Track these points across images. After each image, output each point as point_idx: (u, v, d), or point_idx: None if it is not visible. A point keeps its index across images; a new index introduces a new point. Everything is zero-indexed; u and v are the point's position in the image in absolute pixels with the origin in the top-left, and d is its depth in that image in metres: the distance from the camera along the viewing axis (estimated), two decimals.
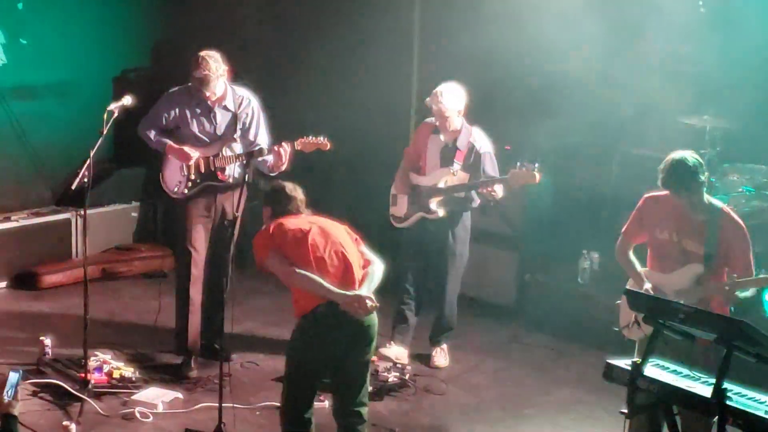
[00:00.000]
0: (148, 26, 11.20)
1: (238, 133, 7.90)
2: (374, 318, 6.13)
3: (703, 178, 6.09)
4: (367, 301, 6.00)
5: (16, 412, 5.57)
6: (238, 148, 7.91)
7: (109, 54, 10.88)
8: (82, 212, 7.61)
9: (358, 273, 6.17)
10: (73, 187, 7.37)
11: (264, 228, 6.30)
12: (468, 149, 8.08)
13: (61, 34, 10.55)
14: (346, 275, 6.13)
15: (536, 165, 7.73)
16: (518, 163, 7.79)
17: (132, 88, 8.96)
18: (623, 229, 6.53)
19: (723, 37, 9.65)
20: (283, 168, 7.71)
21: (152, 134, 7.95)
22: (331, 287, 6.00)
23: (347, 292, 6.02)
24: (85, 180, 7.32)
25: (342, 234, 6.28)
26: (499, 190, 7.95)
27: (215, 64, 7.71)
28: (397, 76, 10.62)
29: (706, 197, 6.19)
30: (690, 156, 6.10)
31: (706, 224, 6.11)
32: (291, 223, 6.23)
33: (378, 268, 6.27)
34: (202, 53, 7.74)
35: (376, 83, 10.51)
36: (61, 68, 10.60)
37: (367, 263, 6.28)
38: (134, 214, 10.69)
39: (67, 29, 10.58)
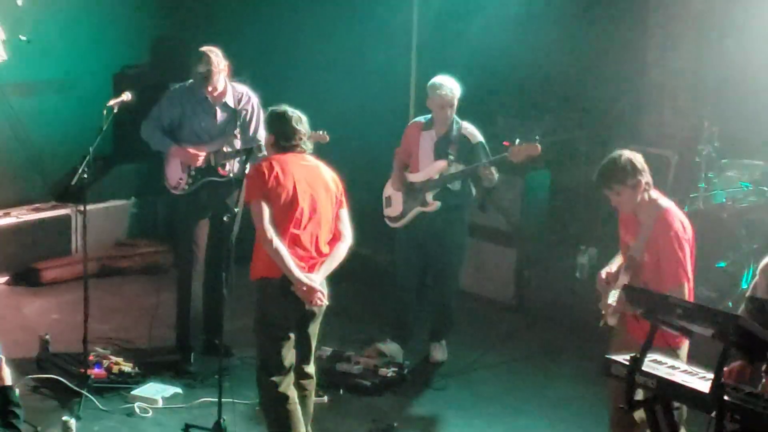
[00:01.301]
0: (147, 22, 11.20)
1: (238, 129, 7.92)
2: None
3: (637, 178, 5.88)
4: (319, 295, 6.25)
5: (8, 381, 5.52)
6: (237, 143, 7.93)
7: (109, 50, 10.87)
8: (82, 208, 7.62)
9: (323, 249, 6.37)
10: (73, 182, 7.38)
11: (265, 164, 6.37)
12: (461, 141, 8.09)
13: (61, 31, 10.55)
14: (310, 254, 6.31)
15: (537, 138, 7.83)
16: (517, 140, 7.84)
17: (131, 84, 8.98)
18: None
19: (721, 33, 9.68)
20: None
21: (156, 136, 7.94)
22: (294, 269, 6.19)
23: (304, 278, 6.21)
24: (85, 176, 7.34)
25: (327, 208, 6.39)
26: (494, 172, 7.95)
27: (217, 59, 7.75)
28: (396, 71, 10.63)
29: (653, 198, 5.98)
30: (627, 155, 5.95)
31: (643, 224, 6.00)
32: (290, 178, 6.29)
33: (343, 247, 6.46)
34: (204, 48, 7.77)
35: (374, 78, 10.54)
36: (60, 65, 10.61)
37: (337, 236, 6.45)
38: (134, 210, 10.70)
39: (66, 26, 10.58)
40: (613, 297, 6.13)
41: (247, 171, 7.54)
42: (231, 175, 7.90)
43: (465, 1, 10.39)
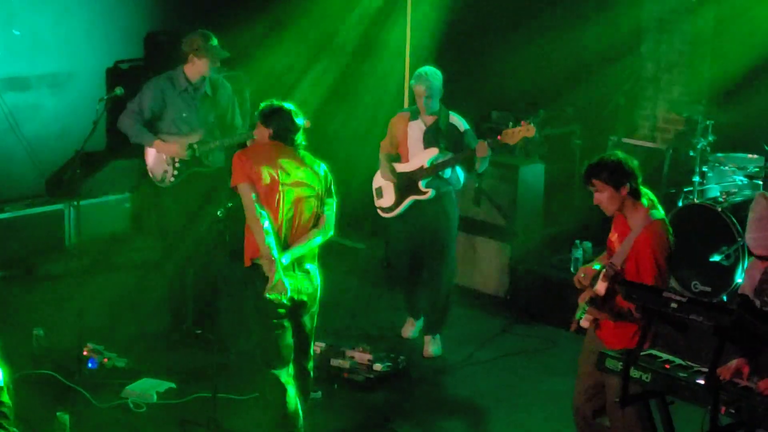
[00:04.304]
0: (141, 17, 11.19)
1: (215, 118, 7.93)
2: (305, 288, 6.39)
3: (622, 181, 5.73)
4: (280, 288, 6.20)
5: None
6: (217, 133, 7.93)
7: (102, 45, 10.86)
8: (76, 203, 7.61)
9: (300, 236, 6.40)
10: (66, 177, 7.37)
11: (248, 150, 6.47)
12: (450, 130, 8.09)
13: (54, 25, 10.54)
14: (289, 241, 6.33)
15: (530, 120, 7.85)
16: (510, 123, 7.86)
17: (125, 79, 8.97)
18: None
19: (717, 28, 9.69)
20: None
21: (136, 128, 7.89)
22: (274, 255, 6.17)
23: (271, 271, 6.19)
24: (78, 171, 7.32)
25: (311, 197, 6.38)
26: (487, 147, 7.90)
27: None
28: (390, 69, 10.64)
29: (645, 206, 5.81)
30: (620, 157, 5.78)
31: (632, 231, 5.81)
32: (271, 164, 6.30)
33: (318, 236, 6.42)
34: (203, 31, 7.81)
35: (367, 77, 10.56)
36: (54, 59, 10.60)
37: (321, 222, 6.45)
38: (127, 205, 10.68)
39: (60, 20, 10.57)
40: (583, 309, 5.96)
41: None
42: (214, 166, 7.90)
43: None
